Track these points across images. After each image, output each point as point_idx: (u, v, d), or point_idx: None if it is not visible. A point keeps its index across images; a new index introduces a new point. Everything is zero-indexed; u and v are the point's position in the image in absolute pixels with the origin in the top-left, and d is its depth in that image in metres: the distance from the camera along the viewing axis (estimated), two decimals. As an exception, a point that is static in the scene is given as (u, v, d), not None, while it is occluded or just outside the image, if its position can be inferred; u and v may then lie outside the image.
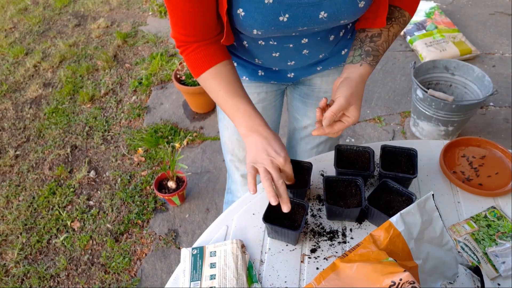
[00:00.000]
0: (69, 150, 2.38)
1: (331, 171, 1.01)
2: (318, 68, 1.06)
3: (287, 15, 0.76)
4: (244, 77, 1.08)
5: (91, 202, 2.09)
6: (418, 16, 3.03)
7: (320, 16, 0.78)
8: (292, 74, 1.06)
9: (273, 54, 0.95)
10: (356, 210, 0.85)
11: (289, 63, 0.99)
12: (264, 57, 0.97)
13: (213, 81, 0.88)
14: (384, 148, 0.97)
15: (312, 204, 0.93)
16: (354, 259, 0.63)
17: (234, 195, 1.39)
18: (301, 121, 1.24)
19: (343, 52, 1.04)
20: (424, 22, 2.96)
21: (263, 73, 1.06)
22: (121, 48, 3.25)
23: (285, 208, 0.79)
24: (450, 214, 0.89)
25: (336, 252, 0.83)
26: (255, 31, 0.80)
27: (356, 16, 0.81)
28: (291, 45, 0.91)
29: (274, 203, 0.78)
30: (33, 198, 2.12)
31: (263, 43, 0.91)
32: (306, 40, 0.90)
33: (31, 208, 2.07)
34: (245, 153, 1.24)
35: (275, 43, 0.91)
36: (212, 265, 0.82)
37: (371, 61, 0.86)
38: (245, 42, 0.94)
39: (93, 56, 3.15)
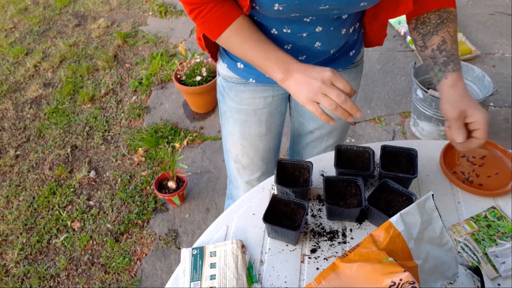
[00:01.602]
0: (69, 150, 2.38)
1: (331, 171, 1.01)
2: None
3: None
4: (251, 79, 1.05)
5: (91, 202, 2.09)
6: (418, 16, 3.03)
7: None
8: None
9: (285, 47, 0.93)
10: (356, 210, 0.85)
11: (300, 58, 0.96)
12: None
13: (237, 36, 0.85)
14: (384, 148, 0.97)
15: (312, 204, 0.93)
16: (354, 259, 0.63)
17: (236, 201, 1.39)
18: (307, 126, 1.22)
19: (351, 53, 1.04)
20: (424, 22, 2.96)
21: None
22: (121, 48, 3.25)
23: (359, 114, 0.78)
24: (450, 214, 0.89)
25: (336, 252, 0.83)
26: (276, 6, 0.77)
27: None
28: (304, 35, 0.89)
29: (351, 119, 0.78)
30: (33, 198, 2.12)
31: (276, 32, 0.90)
32: (320, 28, 0.88)
33: (31, 208, 2.07)
34: (249, 159, 1.22)
35: (289, 31, 0.89)
36: (212, 265, 0.82)
37: (452, 68, 0.87)
38: None
39: (93, 56, 3.16)
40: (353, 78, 1.11)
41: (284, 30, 0.89)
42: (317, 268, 0.81)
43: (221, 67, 1.09)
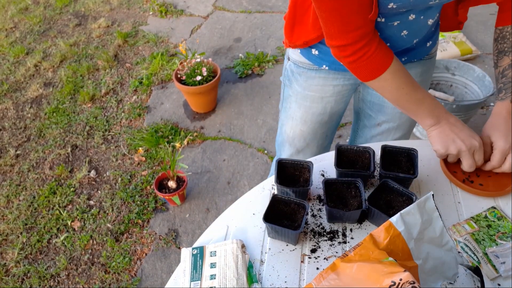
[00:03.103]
0: (69, 149, 2.38)
1: (331, 171, 1.01)
2: (403, 59, 1.02)
3: None
4: (324, 66, 1.04)
5: (91, 202, 2.09)
6: (419, 16, 3.03)
7: None
8: None
9: None
10: (356, 213, 0.85)
11: None
12: None
13: (396, 79, 0.86)
14: (385, 148, 0.97)
15: (312, 204, 0.93)
16: (354, 259, 0.63)
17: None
18: (374, 119, 1.20)
19: (428, 44, 1.02)
20: (424, 22, 2.96)
21: None
22: (121, 47, 3.25)
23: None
24: (450, 214, 0.89)
25: (336, 252, 0.83)
26: (391, 5, 0.77)
27: None
28: (395, 23, 0.88)
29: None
30: (34, 197, 2.12)
31: None
32: (414, 16, 0.86)
33: (32, 208, 2.07)
34: (305, 144, 1.23)
35: (383, 20, 0.87)
36: (212, 265, 0.82)
37: (502, 96, 0.87)
38: None
39: (93, 56, 3.16)
40: (427, 70, 1.10)
41: (378, 19, 0.87)
42: (317, 268, 0.81)
43: (293, 52, 1.09)
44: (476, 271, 0.73)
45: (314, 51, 1.03)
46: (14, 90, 2.89)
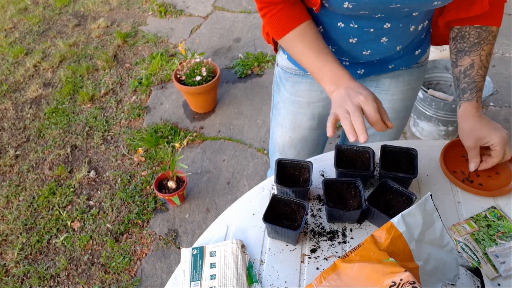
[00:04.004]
0: (69, 150, 2.38)
1: (331, 171, 1.01)
2: (390, 67, 1.02)
3: None
4: None
5: (91, 202, 2.09)
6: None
7: None
8: (362, 70, 1.02)
9: (350, 40, 0.91)
10: (356, 213, 0.85)
11: (364, 52, 0.94)
12: (339, 42, 0.93)
13: (298, 41, 0.87)
14: (384, 148, 0.97)
15: (312, 204, 0.93)
16: (355, 260, 0.63)
17: None
18: None
19: (416, 52, 1.02)
20: (424, 22, 2.96)
21: None
22: (121, 48, 3.25)
23: (362, 138, 0.72)
24: (450, 214, 0.89)
25: (336, 252, 0.83)
26: (346, 4, 0.78)
27: None
28: (371, 30, 0.88)
29: (352, 140, 0.72)
30: (33, 198, 2.12)
31: (342, 25, 0.89)
32: (389, 25, 0.87)
33: (31, 208, 2.07)
34: (296, 152, 1.23)
35: (356, 26, 0.88)
36: (212, 265, 0.82)
37: (467, 97, 0.89)
38: (321, 27, 0.92)
39: (93, 56, 3.15)
40: (416, 78, 1.09)
41: (351, 25, 0.88)
42: (317, 268, 0.81)
43: (281, 58, 1.09)
44: (476, 272, 0.73)
45: None
46: (13, 90, 2.88)
